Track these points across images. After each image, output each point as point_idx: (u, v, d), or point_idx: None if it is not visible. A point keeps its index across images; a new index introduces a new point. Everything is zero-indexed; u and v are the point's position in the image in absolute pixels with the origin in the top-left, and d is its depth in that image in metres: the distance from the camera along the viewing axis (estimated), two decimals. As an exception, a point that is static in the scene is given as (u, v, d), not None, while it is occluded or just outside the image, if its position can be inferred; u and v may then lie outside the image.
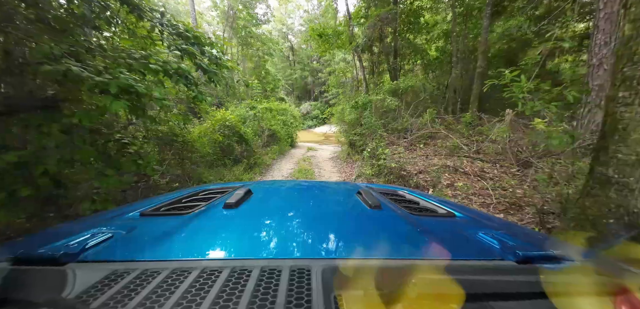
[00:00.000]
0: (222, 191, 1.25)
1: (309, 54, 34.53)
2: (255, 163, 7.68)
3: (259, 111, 10.55)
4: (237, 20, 17.39)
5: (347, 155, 9.72)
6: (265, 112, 11.21)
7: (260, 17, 18.07)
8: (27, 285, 0.48)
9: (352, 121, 8.22)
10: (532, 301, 0.45)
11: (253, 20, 17.45)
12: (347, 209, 1.10)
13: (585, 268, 0.60)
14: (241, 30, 17.35)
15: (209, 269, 0.51)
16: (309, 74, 33.72)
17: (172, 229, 0.77)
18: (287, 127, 14.30)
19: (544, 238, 0.99)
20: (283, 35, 33.80)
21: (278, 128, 11.88)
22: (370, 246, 0.70)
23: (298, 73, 33.74)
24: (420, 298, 0.45)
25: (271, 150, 10.66)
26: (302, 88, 35.39)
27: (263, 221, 0.90)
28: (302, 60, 34.59)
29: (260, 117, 10.82)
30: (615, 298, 0.44)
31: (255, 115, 10.27)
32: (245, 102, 11.73)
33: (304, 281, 0.48)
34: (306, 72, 33.69)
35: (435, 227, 0.86)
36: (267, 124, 11.22)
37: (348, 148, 10.06)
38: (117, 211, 1.04)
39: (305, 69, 33.80)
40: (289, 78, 33.33)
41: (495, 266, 0.59)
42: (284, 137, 13.04)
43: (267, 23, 18.95)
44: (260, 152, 9.58)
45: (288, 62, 35.15)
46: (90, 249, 0.61)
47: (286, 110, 15.52)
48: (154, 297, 0.43)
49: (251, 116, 10.28)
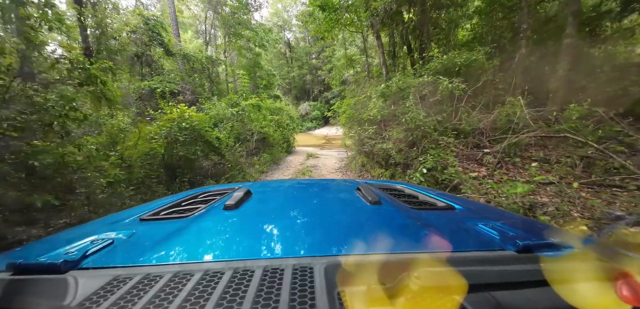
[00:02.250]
0: (222, 193, 1.25)
1: (307, 50, 32.04)
2: (231, 182, 5.22)
3: (242, 109, 8.03)
4: (223, 5, 14.92)
5: (361, 166, 7.26)
6: (253, 110, 8.70)
7: (251, 2, 15.47)
8: (28, 295, 0.47)
9: (374, 118, 5.69)
10: (533, 289, 0.46)
11: (242, 7, 14.92)
12: (347, 206, 1.09)
13: (585, 254, 0.59)
14: (229, 18, 14.86)
15: (211, 271, 0.51)
16: (308, 72, 31.20)
17: (173, 232, 0.76)
18: (283, 130, 11.82)
19: (544, 227, 0.87)
20: (279, 29, 31.33)
21: (270, 130, 9.39)
22: (372, 242, 0.67)
23: (296, 71, 31.19)
24: (422, 290, 0.43)
25: (261, 160, 8.19)
26: (300, 87, 32.87)
27: (264, 222, 0.88)
28: (300, 57, 32.07)
29: (246, 116, 8.32)
30: (616, 282, 0.44)
31: (238, 114, 7.76)
32: (228, 97, 9.17)
33: (306, 279, 0.48)
34: (304, 70, 31.16)
35: (435, 220, 0.87)
36: (257, 126, 8.76)
37: (362, 157, 7.57)
38: (117, 216, 1.03)
39: (304, 67, 31.28)
40: (286, 77, 30.80)
41: (495, 256, 0.59)
42: (279, 141, 10.56)
43: (258, 9, 16.22)
44: (243, 163, 7.09)
45: (285, 59, 32.64)
46: (91, 256, 0.60)
47: (281, 110, 13.01)
48: (157, 301, 0.43)
49: (233, 116, 7.77)
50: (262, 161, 8.11)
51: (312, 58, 32.12)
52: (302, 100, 30.54)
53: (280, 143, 10.62)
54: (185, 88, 10.45)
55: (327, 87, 30.58)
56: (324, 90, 30.67)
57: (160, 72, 10.58)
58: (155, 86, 9.05)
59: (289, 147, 12.26)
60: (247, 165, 7.00)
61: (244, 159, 7.46)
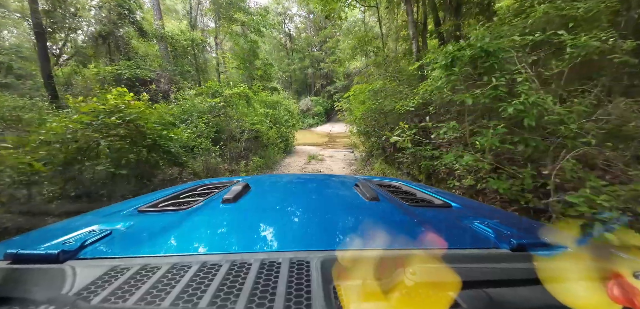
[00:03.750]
0: (220, 186, 1.24)
1: (309, 41, 30.10)
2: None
3: (226, 100, 6.28)
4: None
5: (381, 174, 5.56)
6: (240, 102, 6.96)
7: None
8: (26, 284, 0.47)
9: (419, 107, 3.88)
10: (526, 287, 0.46)
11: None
12: (345, 201, 1.08)
13: (577, 254, 0.59)
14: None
15: (208, 263, 0.51)
16: (310, 65, 29.30)
17: (171, 224, 0.76)
18: (280, 127, 10.11)
19: (538, 226, 0.88)
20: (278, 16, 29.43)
21: (263, 128, 7.66)
22: (368, 237, 0.67)
23: (296, 64, 29.29)
24: (417, 286, 0.43)
25: (251, 165, 6.49)
26: (302, 81, 30.99)
27: (262, 215, 0.88)
28: (302, 49, 30.12)
29: (232, 109, 6.59)
30: (607, 282, 0.44)
31: (217, 106, 6.01)
32: (206, 85, 7.39)
33: (303, 272, 0.48)
34: (306, 62, 29.22)
35: (431, 217, 0.88)
36: (247, 122, 7.05)
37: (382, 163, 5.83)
38: (115, 207, 1.02)
39: (305, 59, 29.36)
40: (286, 70, 28.93)
41: (490, 254, 0.60)
42: (275, 140, 8.85)
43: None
44: (224, 171, 5.39)
45: (285, 50, 30.74)
46: (89, 246, 0.60)
47: (279, 104, 11.26)
48: (155, 292, 0.42)
49: (213, 109, 6.04)
50: (251, 167, 6.42)
51: (314, 49, 30.18)
52: (304, 95, 28.70)
53: (276, 142, 8.92)
54: (163, 76, 8.72)
55: (329, 80, 28.71)
56: (326, 84, 28.79)
57: (133, 56, 8.84)
58: (121, 71, 7.33)
59: (287, 146, 10.55)
60: (229, 172, 5.33)
61: (227, 165, 5.76)
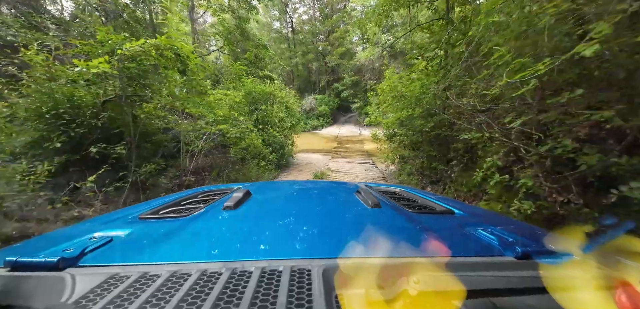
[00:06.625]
0: (221, 193, 1.24)
1: (314, 30, 26.90)
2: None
3: (122, 61, 3.06)
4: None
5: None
6: (156, 62, 3.79)
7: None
8: (25, 292, 0.46)
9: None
10: (532, 296, 0.46)
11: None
12: (347, 208, 1.07)
13: (584, 262, 0.56)
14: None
15: (209, 271, 0.50)
16: (314, 59, 26.14)
17: (171, 232, 0.76)
18: (272, 128, 6.95)
19: (543, 234, 0.83)
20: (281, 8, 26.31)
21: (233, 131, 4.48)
22: (370, 245, 0.65)
23: (299, 57, 26.14)
24: (421, 295, 0.43)
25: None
26: (305, 77, 27.83)
27: (263, 223, 0.87)
28: (305, 40, 26.93)
29: (131, 82, 3.43)
30: (614, 291, 0.43)
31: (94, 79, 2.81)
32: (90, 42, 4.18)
33: (304, 281, 0.47)
34: (310, 56, 26.07)
35: (434, 225, 0.87)
36: (201, 123, 3.94)
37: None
38: (116, 214, 1.02)
39: (309, 52, 26.21)
40: (287, 65, 25.79)
41: (494, 262, 0.59)
42: (261, 149, 5.70)
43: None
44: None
45: (286, 43, 27.61)
46: (89, 253, 0.60)
47: (273, 95, 8.10)
48: (154, 300, 0.42)
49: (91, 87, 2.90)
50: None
51: (320, 40, 26.99)
52: (307, 93, 25.54)
53: (264, 153, 5.79)
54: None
55: (336, 77, 25.54)
56: (333, 81, 25.63)
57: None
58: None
59: (283, 157, 7.40)
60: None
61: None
